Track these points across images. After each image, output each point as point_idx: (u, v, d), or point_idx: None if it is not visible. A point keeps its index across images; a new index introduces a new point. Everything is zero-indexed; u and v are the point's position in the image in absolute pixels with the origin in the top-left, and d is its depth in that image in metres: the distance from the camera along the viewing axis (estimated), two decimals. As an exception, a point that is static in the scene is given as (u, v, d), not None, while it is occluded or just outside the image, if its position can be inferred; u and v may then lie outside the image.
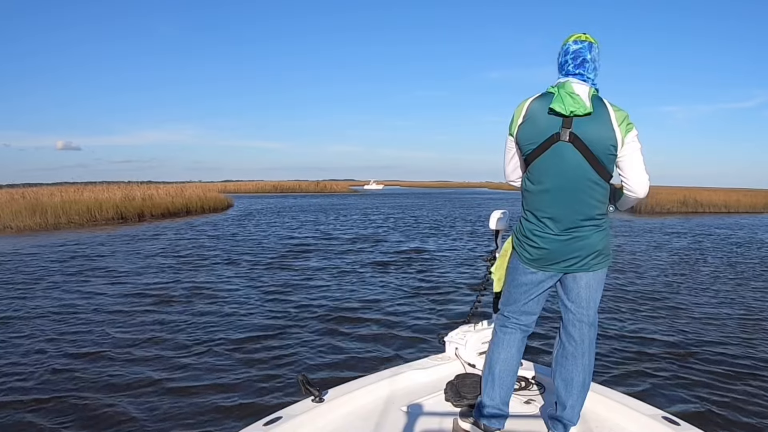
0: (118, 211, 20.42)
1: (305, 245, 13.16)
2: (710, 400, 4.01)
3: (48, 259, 10.68)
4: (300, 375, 2.27)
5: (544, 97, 1.93)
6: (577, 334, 2.06)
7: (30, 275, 8.87)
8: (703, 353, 5.07)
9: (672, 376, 4.49)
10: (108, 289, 7.74)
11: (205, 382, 4.26)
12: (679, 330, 5.90)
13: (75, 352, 5.01)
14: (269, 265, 9.95)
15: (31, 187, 28.22)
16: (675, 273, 9.54)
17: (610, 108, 1.88)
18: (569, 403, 2.04)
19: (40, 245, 12.94)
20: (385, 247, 13.12)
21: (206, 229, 17.29)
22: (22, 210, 17.57)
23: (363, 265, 10.11)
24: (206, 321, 6.08)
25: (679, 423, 2.04)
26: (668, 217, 24.76)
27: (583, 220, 1.93)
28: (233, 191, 60.08)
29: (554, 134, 1.88)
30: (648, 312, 6.62)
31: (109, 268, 9.63)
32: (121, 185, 27.39)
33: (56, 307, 6.67)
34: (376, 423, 2.15)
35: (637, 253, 12.07)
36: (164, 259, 10.75)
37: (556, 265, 1.99)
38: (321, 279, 8.65)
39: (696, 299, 7.40)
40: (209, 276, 8.81)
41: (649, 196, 2.12)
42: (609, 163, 1.89)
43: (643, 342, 5.38)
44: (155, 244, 13.17)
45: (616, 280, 8.47)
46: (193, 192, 27.65)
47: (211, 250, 11.96)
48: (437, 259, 11.05)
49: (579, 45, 1.96)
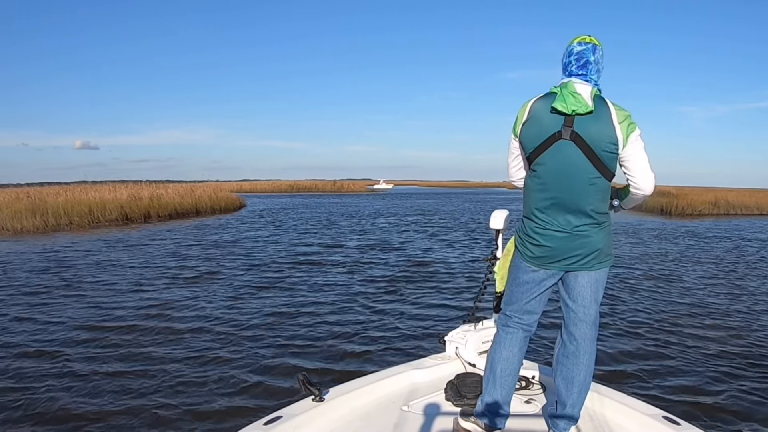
0: (123, 211, 19.45)
1: (308, 246, 13.08)
2: (710, 399, 4.05)
3: (24, 268, 9.79)
4: (300, 374, 2.28)
5: (546, 97, 1.98)
6: (578, 333, 2.08)
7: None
8: (704, 353, 5.09)
9: (673, 376, 4.52)
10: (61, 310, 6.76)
11: (205, 382, 4.29)
12: (681, 328, 5.93)
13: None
14: (270, 266, 9.92)
15: (50, 186, 27.53)
16: (711, 279, 9.22)
17: (611, 107, 1.93)
18: (570, 402, 2.06)
19: (28, 250, 12.24)
20: (385, 246, 13.16)
21: (212, 232, 16.71)
22: (23, 210, 16.67)
23: (363, 266, 10.13)
24: (207, 321, 6.09)
25: (679, 423, 2.04)
26: (700, 219, 23.88)
27: (584, 218, 1.97)
28: (249, 191, 59.88)
29: (556, 132, 1.92)
30: (661, 314, 6.47)
31: (73, 280, 8.67)
32: (129, 184, 26.52)
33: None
34: (377, 422, 2.17)
35: (683, 260, 11.31)
36: (145, 269, 9.74)
37: (557, 264, 2.02)
38: (320, 279, 8.69)
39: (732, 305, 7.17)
40: (207, 280, 8.78)
41: (679, 198, 3.69)
42: (610, 162, 1.93)
43: (646, 342, 5.40)
44: (141, 252, 12.04)
45: (649, 286, 8.30)
46: (203, 192, 26.66)
47: (209, 259, 11.31)
48: (438, 259, 11.00)
49: (583, 47, 2.00)
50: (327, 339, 5.41)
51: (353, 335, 5.55)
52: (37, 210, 17.29)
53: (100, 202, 19.66)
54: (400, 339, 5.43)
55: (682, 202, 26.71)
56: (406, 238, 15.17)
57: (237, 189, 55.66)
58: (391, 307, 6.75)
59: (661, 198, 27.83)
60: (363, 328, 5.80)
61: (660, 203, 26.95)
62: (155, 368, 4.59)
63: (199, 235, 15.83)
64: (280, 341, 5.34)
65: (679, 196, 28.35)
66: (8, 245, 13.30)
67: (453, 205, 35.55)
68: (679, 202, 26.87)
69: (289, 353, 4.98)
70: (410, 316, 6.30)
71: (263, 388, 4.16)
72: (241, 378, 4.36)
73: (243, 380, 4.31)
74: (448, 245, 13.53)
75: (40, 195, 20.56)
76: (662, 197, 28.12)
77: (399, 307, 6.78)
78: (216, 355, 4.93)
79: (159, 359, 4.83)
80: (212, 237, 15.20)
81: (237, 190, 44.02)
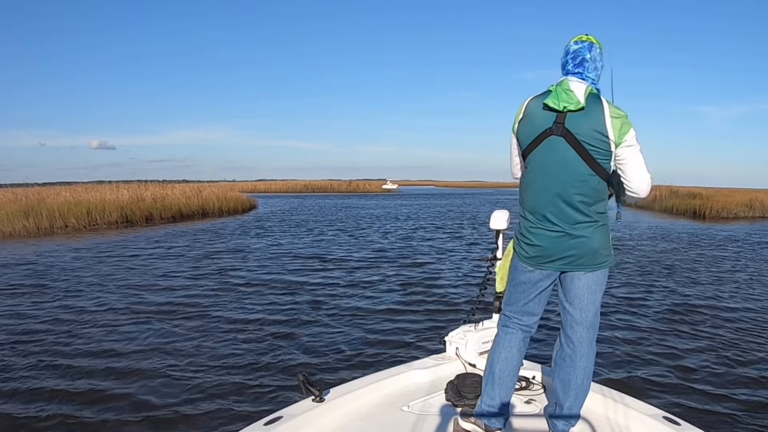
0: (123, 213, 18.28)
1: (309, 247, 12.86)
2: (711, 400, 4.02)
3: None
4: (300, 375, 2.28)
5: (542, 95, 2.03)
6: (575, 336, 2.09)
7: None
8: (706, 353, 5.08)
9: (673, 376, 4.49)
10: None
11: (206, 382, 4.31)
12: (683, 326, 5.96)
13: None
14: (271, 267, 9.68)
15: (68, 186, 26.70)
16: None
17: (605, 105, 1.94)
18: (567, 404, 2.10)
19: (6, 259, 11.17)
20: (386, 245, 13.12)
21: (211, 237, 15.66)
22: (16, 212, 15.60)
23: (362, 265, 10.14)
24: (207, 321, 6.11)
25: (679, 423, 2.06)
26: (735, 222, 22.74)
27: (577, 216, 1.97)
28: (263, 191, 59.28)
29: (547, 129, 1.96)
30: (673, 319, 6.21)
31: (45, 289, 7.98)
32: (133, 184, 25.44)
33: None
34: (377, 423, 2.19)
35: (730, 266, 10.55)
36: (134, 276, 9.08)
37: (551, 264, 2.04)
38: (320, 279, 8.70)
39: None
40: (207, 280, 8.56)
41: (712, 200, 3.69)
42: (602, 159, 1.93)
43: (648, 343, 5.36)
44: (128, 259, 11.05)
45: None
46: (211, 192, 25.46)
47: (207, 258, 11.03)
48: (438, 259, 10.95)
49: (579, 45, 2.04)
50: (327, 339, 5.45)
51: (353, 335, 5.58)
52: (31, 212, 16.19)
53: (99, 203, 18.49)
54: (400, 339, 5.46)
55: (717, 205, 25.00)
56: (406, 238, 15.02)
57: (251, 189, 55.06)
58: (392, 307, 6.79)
59: (692, 200, 26.03)
60: (363, 329, 5.83)
61: (692, 205, 25.28)
62: (155, 368, 4.63)
63: (199, 238, 15.20)
64: (280, 341, 5.38)
65: (710, 198, 26.40)
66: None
67: (465, 206, 34.98)
68: (714, 204, 24.95)
69: (290, 354, 5.03)
70: (410, 317, 6.35)
71: (263, 389, 4.20)
72: (242, 378, 4.42)
73: (243, 381, 4.37)
74: (449, 245, 13.45)
75: (39, 195, 19.55)
76: (693, 199, 26.34)
77: (399, 307, 6.83)
78: (216, 356, 4.96)
79: (158, 359, 4.86)
80: (213, 239, 14.70)
81: (251, 190, 43.27)
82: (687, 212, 25.46)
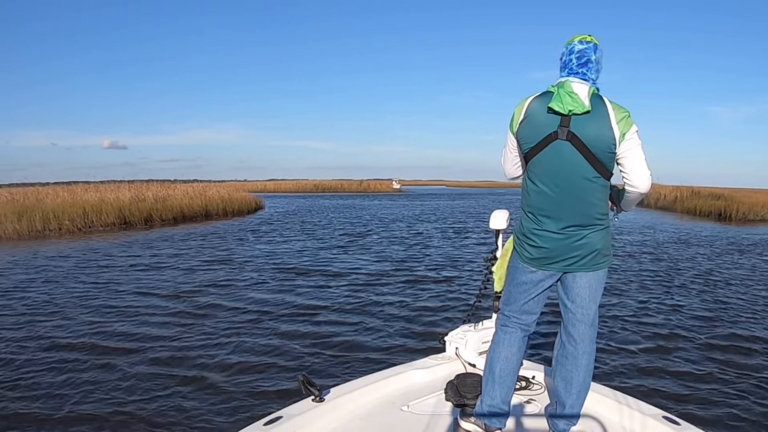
0: (121, 214, 17.44)
1: (309, 248, 12.60)
2: (712, 400, 3.99)
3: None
4: (300, 375, 2.32)
5: (543, 96, 2.02)
6: (577, 334, 2.12)
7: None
8: (706, 353, 5.00)
9: (673, 376, 4.45)
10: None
11: (205, 382, 4.34)
12: (687, 328, 5.78)
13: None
14: (270, 267, 9.52)
15: (79, 185, 26.01)
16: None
17: (609, 106, 1.94)
18: (569, 402, 2.12)
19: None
20: (386, 246, 12.98)
21: (212, 241, 14.67)
22: (8, 214, 14.89)
23: (362, 265, 10.08)
24: (206, 321, 6.04)
25: (679, 423, 2.07)
26: (763, 225, 21.47)
27: (581, 218, 2.00)
28: (273, 191, 58.80)
29: (552, 133, 1.96)
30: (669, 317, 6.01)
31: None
32: (136, 183, 24.82)
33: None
34: (377, 423, 2.20)
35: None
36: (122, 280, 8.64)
37: (555, 265, 2.06)
38: (320, 280, 8.61)
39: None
40: (207, 280, 8.32)
41: (736, 202, 3.11)
42: (608, 161, 1.96)
43: (647, 342, 5.27)
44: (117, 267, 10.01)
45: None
46: (216, 193, 24.65)
47: (206, 261, 10.62)
48: (439, 259, 10.87)
49: (584, 45, 2.02)
50: (327, 339, 5.47)
51: (353, 335, 5.60)
52: (24, 214, 15.44)
53: (96, 203, 17.72)
54: (400, 339, 5.47)
55: (743, 207, 23.67)
56: (407, 238, 14.96)
57: (261, 189, 54.62)
58: (392, 307, 6.79)
59: (715, 201, 24.67)
60: (363, 329, 5.85)
61: (717, 207, 23.93)
62: (154, 369, 4.64)
63: (199, 240, 14.58)
64: (280, 342, 5.39)
65: (734, 199, 24.98)
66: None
67: (473, 207, 34.33)
68: (738, 206, 23.62)
69: (290, 354, 5.05)
70: (410, 317, 6.34)
71: (263, 389, 4.21)
72: (241, 378, 4.43)
73: (243, 381, 4.38)
74: (452, 245, 13.36)
75: (38, 195, 18.83)
76: (717, 200, 24.96)
77: (399, 307, 6.82)
78: (216, 356, 4.97)
79: (158, 359, 4.89)
80: (213, 242, 14.26)
81: (261, 190, 42.66)
82: (711, 214, 24.62)
